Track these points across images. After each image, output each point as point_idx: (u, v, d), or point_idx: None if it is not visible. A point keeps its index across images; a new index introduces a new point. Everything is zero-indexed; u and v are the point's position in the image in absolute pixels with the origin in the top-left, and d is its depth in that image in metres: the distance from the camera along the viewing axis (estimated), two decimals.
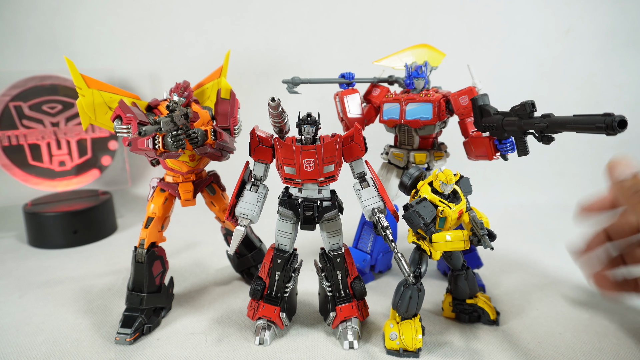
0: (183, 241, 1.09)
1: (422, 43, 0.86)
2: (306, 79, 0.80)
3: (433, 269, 0.91)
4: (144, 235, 0.74)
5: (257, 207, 0.64)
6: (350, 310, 0.66)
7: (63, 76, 1.23)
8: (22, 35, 1.37)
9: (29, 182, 1.23)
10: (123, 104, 0.66)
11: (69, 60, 0.66)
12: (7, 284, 0.88)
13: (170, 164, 0.74)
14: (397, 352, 0.62)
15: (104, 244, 1.11)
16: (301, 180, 0.62)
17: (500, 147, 0.68)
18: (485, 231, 0.57)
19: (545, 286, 0.83)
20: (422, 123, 0.76)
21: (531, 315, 0.73)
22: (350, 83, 0.83)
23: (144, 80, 1.48)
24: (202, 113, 0.74)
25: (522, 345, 0.64)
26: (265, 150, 0.63)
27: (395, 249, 0.57)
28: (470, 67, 0.78)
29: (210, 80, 0.80)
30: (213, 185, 0.79)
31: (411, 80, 0.79)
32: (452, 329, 0.69)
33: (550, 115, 0.54)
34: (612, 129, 0.45)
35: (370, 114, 0.84)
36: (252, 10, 1.46)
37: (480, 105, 0.67)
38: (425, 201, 0.59)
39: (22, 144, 1.20)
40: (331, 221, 0.66)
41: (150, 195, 0.76)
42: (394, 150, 0.83)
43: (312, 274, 0.82)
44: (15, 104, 1.18)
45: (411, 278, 0.56)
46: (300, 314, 0.74)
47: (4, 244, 1.11)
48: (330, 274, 0.66)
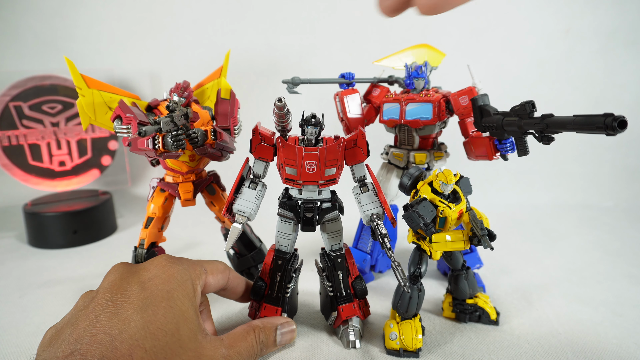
0: (183, 241, 1.09)
1: (422, 43, 0.86)
2: (306, 79, 0.80)
3: (433, 269, 0.91)
4: (144, 235, 0.74)
5: (255, 205, 0.63)
6: (352, 310, 0.66)
7: (63, 76, 1.23)
8: (22, 35, 1.37)
9: (29, 182, 1.23)
10: (123, 104, 0.66)
11: (69, 60, 0.66)
12: (7, 284, 0.88)
13: (170, 164, 0.74)
14: (397, 352, 0.62)
15: (104, 244, 1.11)
16: (302, 181, 0.62)
17: (500, 147, 0.68)
18: (485, 231, 0.57)
19: (545, 286, 0.83)
20: (422, 123, 0.76)
21: (531, 315, 0.73)
22: (350, 83, 0.83)
23: (144, 80, 1.48)
24: (202, 113, 0.74)
25: (522, 345, 0.64)
26: (266, 149, 0.63)
27: (392, 257, 0.56)
28: (470, 67, 0.78)
29: (210, 80, 0.80)
30: (213, 185, 0.79)
31: (411, 80, 0.79)
32: (452, 329, 0.69)
33: (550, 116, 0.54)
34: (612, 129, 0.45)
35: (370, 114, 0.84)
36: (252, 11, 1.46)
37: (480, 105, 0.67)
38: (425, 201, 0.59)
39: (22, 144, 1.20)
40: (332, 222, 0.65)
41: (150, 195, 0.76)
42: (394, 150, 0.83)
43: (313, 273, 0.82)
44: (15, 104, 1.18)
45: (407, 287, 0.55)
46: (302, 314, 0.74)
47: (4, 244, 1.11)
48: (331, 274, 0.66)
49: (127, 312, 0.44)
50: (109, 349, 0.40)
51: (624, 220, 1.25)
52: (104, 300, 0.46)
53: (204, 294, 0.59)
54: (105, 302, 0.45)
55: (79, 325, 0.43)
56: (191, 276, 0.53)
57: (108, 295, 0.46)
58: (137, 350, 0.41)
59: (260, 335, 0.57)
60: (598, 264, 0.94)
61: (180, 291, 0.49)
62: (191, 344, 0.46)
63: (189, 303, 0.49)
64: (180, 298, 0.49)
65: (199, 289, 0.54)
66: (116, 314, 0.43)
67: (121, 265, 0.53)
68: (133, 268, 0.52)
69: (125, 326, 0.43)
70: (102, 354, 0.40)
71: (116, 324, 0.42)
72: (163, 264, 0.52)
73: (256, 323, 0.59)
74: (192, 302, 0.50)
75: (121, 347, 0.41)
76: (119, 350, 0.41)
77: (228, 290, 0.63)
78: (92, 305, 0.46)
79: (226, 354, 0.50)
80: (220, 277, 0.59)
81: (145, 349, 0.42)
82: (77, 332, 0.42)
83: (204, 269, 0.57)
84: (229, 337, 0.54)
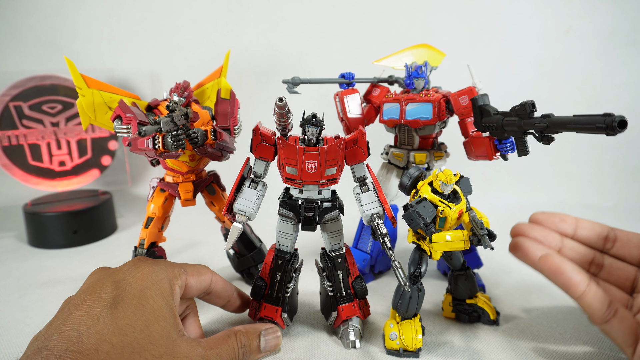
0: (183, 241, 1.09)
1: (422, 43, 0.86)
2: (306, 79, 0.80)
3: (433, 269, 0.91)
4: (144, 235, 0.74)
5: (255, 204, 0.63)
6: (352, 310, 0.66)
7: (63, 76, 1.23)
8: (22, 35, 1.37)
9: (29, 182, 1.23)
10: (123, 104, 0.66)
11: (69, 60, 0.66)
12: (7, 284, 0.88)
13: (170, 164, 0.74)
14: (397, 352, 0.62)
15: (104, 244, 1.11)
16: (302, 181, 0.62)
17: (500, 147, 0.68)
18: (485, 231, 0.57)
19: (545, 286, 0.83)
20: (422, 123, 0.76)
21: (531, 315, 0.73)
22: (350, 83, 0.83)
23: (144, 80, 1.48)
24: (202, 113, 0.74)
25: (522, 345, 0.64)
26: (267, 148, 0.63)
27: (392, 257, 0.56)
28: (470, 67, 0.78)
29: (210, 80, 0.80)
30: (213, 185, 0.79)
31: (411, 80, 0.79)
32: (452, 329, 0.69)
33: (550, 115, 0.54)
34: (612, 129, 0.45)
35: (370, 114, 0.84)
36: (252, 11, 1.46)
37: (480, 105, 0.67)
38: (425, 201, 0.59)
39: (22, 144, 1.20)
40: (332, 222, 0.65)
41: (150, 195, 0.76)
42: (394, 150, 0.83)
43: (313, 273, 0.82)
44: (15, 104, 1.18)
45: (407, 287, 0.55)
46: (302, 314, 0.74)
47: (4, 244, 1.11)
48: (331, 274, 0.66)
49: (97, 310, 0.45)
50: (75, 343, 0.41)
51: (624, 220, 1.25)
52: (77, 301, 0.47)
53: (188, 297, 0.59)
54: (79, 302, 0.47)
55: (52, 325, 0.45)
56: (168, 275, 0.53)
57: (82, 295, 0.48)
58: (104, 344, 0.42)
59: (242, 339, 0.56)
60: None
61: (154, 290, 0.50)
62: (162, 341, 0.47)
63: (163, 301, 0.50)
64: (152, 296, 0.49)
65: (177, 289, 0.54)
66: (87, 312, 0.45)
67: (99, 269, 0.55)
68: (110, 270, 0.53)
69: (94, 322, 0.44)
70: (67, 348, 0.41)
71: (85, 321, 0.44)
72: (138, 264, 0.53)
73: (238, 328, 0.58)
74: (167, 300, 0.50)
75: (88, 341, 0.42)
76: (85, 344, 0.41)
77: (213, 295, 0.62)
78: (67, 306, 0.47)
79: (204, 354, 0.50)
80: (202, 278, 0.59)
81: (111, 344, 0.43)
82: (49, 331, 0.44)
83: (183, 270, 0.57)
84: (208, 340, 0.53)
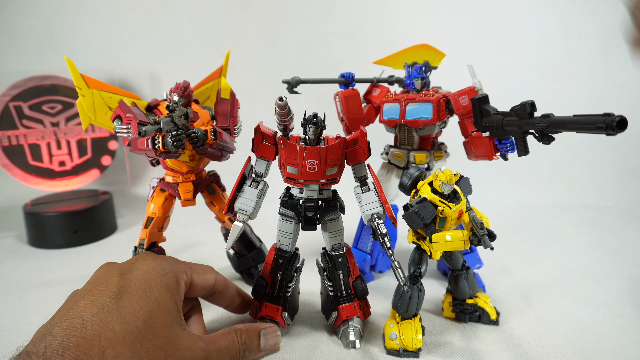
0: (183, 241, 1.09)
1: (422, 43, 0.86)
2: (306, 79, 0.80)
3: (433, 269, 0.91)
4: (144, 235, 0.74)
5: (256, 204, 0.63)
6: (352, 310, 0.66)
7: (63, 76, 1.23)
8: (22, 35, 1.37)
9: (29, 182, 1.23)
10: (123, 104, 0.66)
11: (69, 60, 0.66)
12: (7, 284, 0.88)
13: (170, 164, 0.74)
14: (397, 352, 0.62)
15: (104, 244, 1.11)
16: (303, 180, 0.62)
17: (500, 147, 0.68)
18: (485, 231, 0.57)
19: (545, 286, 0.83)
20: (422, 123, 0.76)
21: (531, 315, 0.73)
22: (350, 83, 0.83)
23: (144, 80, 1.48)
24: (202, 113, 0.74)
25: (522, 345, 0.64)
26: (268, 148, 0.63)
27: (392, 257, 0.56)
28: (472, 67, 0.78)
29: (210, 80, 0.80)
30: (213, 185, 0.79)
31: (411, 80, 0.79)
32: (452, 329, 0.69)
33: (550, 115, 0.54)
34: (612, 129, 0.45)
35: (370, 114, 0.84)
36: (252, 11, 1.46)
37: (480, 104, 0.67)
38: (425, 201, 0.59)
39: (22, 144, 1.20)
40: (332, 221, 0.65)
41: (150, 195, 0.76)
42: (394, 150, 0.83)
43: (313, 273, 0.82)
44: (15, 104, 1.18)
45: (406, 287, 0.55)
46: (302, 313, 0.74)
47: (4, 244, 1.11)
48: (332, 274, 0.66)
49: (102, 299, 0.46)
50: (79, 329, 0.42)
51: (624, 220, 1.25)
52: (84, 291, 0.48)
53: (192, 296, 0.59)
54: (85, 292, 0.48)
55: (58, 314, 0.46)
56: (174, 270, 0.54)
57: (89, 286, 0.49)
58: (106, 331, 0.43)
59: (243, 337, 0.57)
60: (598, 264, 0.94)
61: (160, 282, 0.51)
62: (165, 332, 0.47)
63: (168, 294, 0.50)
64: (157, 288, 0.50)
65: (183, 284, 0.55)
66: (92, 301, 0.45)
67: (107, 264, 0.55)
68: (117, 264, 0.54)
69: (98, 310, 0.44)
70: (70, 333, 0.41)
71: (89, 309, 0.44)
72: (145, 258, 0.54)
73: (239, 326, 0.59)
74: (172, 293, 0.51)
75: (91, 328, 0.42)
76: (88, 330, 0.42)
77: (217, 295, 0.63)
78: (74, 297, 0.48)
79: (205, 347, 0.51)
80: (206, 277, 0.60)
81: (114, 331, 0.43)
82: (54, 319, 0.44)
83: (188, 267, 0.58)
84: (209, 335, 0.54)
